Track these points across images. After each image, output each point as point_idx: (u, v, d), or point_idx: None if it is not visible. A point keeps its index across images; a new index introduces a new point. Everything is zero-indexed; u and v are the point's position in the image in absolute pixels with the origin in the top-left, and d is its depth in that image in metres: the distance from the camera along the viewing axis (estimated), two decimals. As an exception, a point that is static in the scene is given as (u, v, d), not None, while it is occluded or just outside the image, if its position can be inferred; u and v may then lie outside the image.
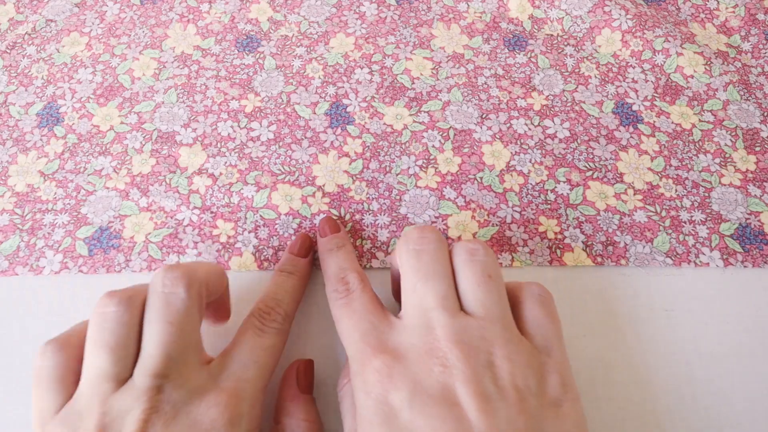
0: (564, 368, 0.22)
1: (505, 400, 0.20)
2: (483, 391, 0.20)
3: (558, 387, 0.21)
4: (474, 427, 0.19)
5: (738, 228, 0.30)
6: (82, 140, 0.32)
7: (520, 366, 0.21)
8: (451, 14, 0.38)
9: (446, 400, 0.20)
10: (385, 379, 0.20)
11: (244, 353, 0.23)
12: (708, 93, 0.35)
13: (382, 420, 0.20)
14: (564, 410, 0.20)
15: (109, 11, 0.37)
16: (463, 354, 0.20)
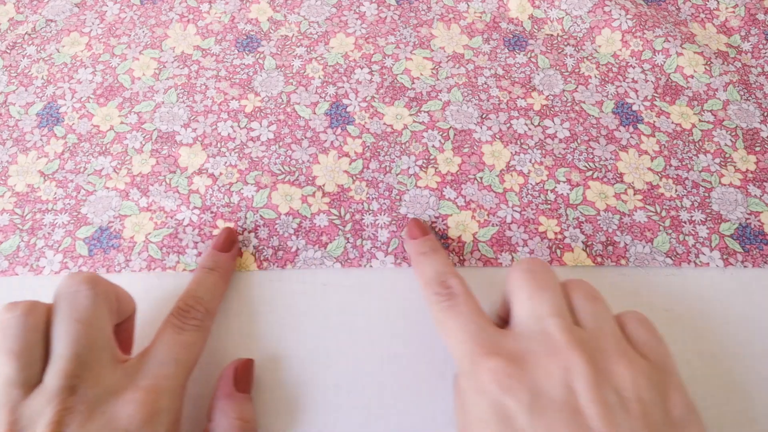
0: (685, 389, 0.21)
1: (628, 411, 0.19)
2: (606, 400, 0.19)
3: (682, 407, 0.20)
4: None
5: (738, 228, 0.30)
6: (82, 140, 0.32)
7: (643, 378, 0.20)
8: (451, 14, 0.38)
9: (568, 405, 0.19)
10: (503, 380, 0.20)
11: (162, 351, 0.23)
12: (708, 93, 0.35)
13: (498, 421, 0.19)
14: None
15: (109, 11, 0.37)
16: (586, 358, 0.20)
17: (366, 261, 0.29)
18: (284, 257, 0.29)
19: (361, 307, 0.28)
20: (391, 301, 0.29)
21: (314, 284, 0.29)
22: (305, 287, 0.29)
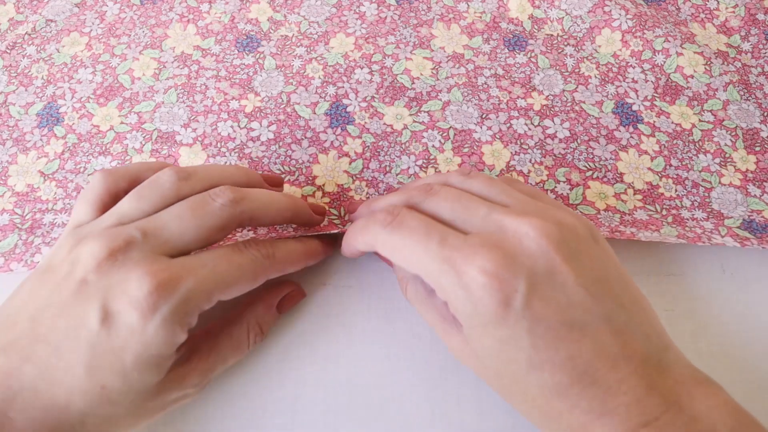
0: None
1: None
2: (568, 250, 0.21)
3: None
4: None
5: (743, 222, 0.30)
6: (82, 140, 0.32)
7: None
8: (451, 14, 0.38)
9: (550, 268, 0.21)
10: (500, 271, 0.20)
11: (211, 253, 0.23)
12: (708, 93, 0.35)
13: (499, 309, 0.20)
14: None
15: (109, 11, 0.37)
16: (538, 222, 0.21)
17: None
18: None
19: (361, 307, 0.28)
20: (391, 301, 0.29)
21: (314, 284, 0.29)
22: (305, 287, 0.29)
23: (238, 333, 0.25)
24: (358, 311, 0.28)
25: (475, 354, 0.22)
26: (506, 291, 0.20)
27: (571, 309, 0.20)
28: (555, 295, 0.20)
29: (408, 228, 0.22)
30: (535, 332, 0.20)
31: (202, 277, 0.22)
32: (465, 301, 0.21)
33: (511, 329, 0.20)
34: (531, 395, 0.21)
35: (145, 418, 0.23)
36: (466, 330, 0.22)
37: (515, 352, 0.20)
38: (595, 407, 0.20)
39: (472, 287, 0.20)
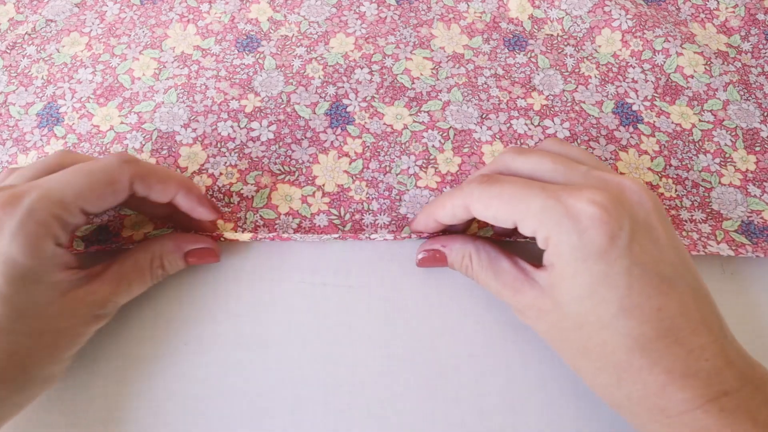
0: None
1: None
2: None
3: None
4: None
5: (741, 224, 0.30)
6: (82, 140, 0.32)
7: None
8: (451, 14, 0.38)
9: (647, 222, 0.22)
10: (610, 206, 0.21)
11: (67, 170, 0.23)
12: (708, 93, 0.35)
13: (605, 242, 0.21)
14: None
15: (109, 11, 0.37)
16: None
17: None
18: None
19: (361, 307, 0.28)
20: (391, 301, 0.29)
21: (314, 284, 0.29)
22: (305, 287, 0.29)
23: (142, 259, 0.26)
24: (358, 311, 0.28)
25: (556, 302, 0.22)
26: (613, 226, 0.21)
27: (662, 263, 0.21)
28: (651, 246, 0.21)
29: (508, 181, 0.23)
30: (633, 274, 0.20)
31: (47, 188, 0.22)
32: (570, 233, 0.21)
33: (610, 266, 0.20)
34: (610, 348, 0.21)
35: (63, 348, 0.23)
36: (560, 269, 0.22)
37: (609, 291, 0.21)
38: (677, 367, 0.20)
39: (581, 217, 0.21)
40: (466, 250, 0.26)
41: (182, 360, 0.27)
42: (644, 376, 0.21)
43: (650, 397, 0.21)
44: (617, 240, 0.21)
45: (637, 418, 0.22)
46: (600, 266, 0.21)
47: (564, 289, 0.22)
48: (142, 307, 0.28)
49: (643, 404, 0.21)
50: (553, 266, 0.22)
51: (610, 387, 0.22)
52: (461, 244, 0.27)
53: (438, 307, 0.28)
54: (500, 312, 0.28)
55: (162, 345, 0.27)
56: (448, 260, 0.27)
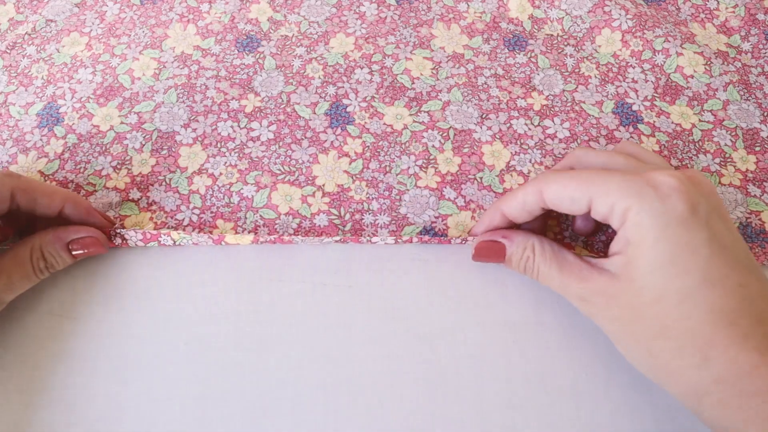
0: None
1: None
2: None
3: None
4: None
5: (739, 227, 0.30)
6: (82, 140, 0.32)
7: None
8: (451, 14, 0.38)
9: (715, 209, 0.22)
10: (689, 187, 0.21)
11: None
12: (708, 93, 0.35)
13: (687, 210, 0.21)
14: None
15: (109, 11, 0.37)
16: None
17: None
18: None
19: (361, 307, 0.28)
20: (391, 301, 0.29)
21: (314, 284, 0.29)
22: (305, 287, 0.29)
23: (21, 252, 0.25)
24: (358, 311, 0.28)
25: (631, 280, 0.21)
26: (693, 196, 0.21)
27: (736, 247, 0.21)
28: (725, 229, 0.21)
29: (584, 168, 0.24)
30: (713, 247, 0.20)
31: None
32: (653, 200, 0.21)
33: (692, 234, 0.20)
34: (694, 321, 0.20)
35: None
36: (639, 240, 0.21)
37: (691, 259, 0.20)
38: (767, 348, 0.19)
39: (663, 187, 0.21)
40: (529, 242, 0.26)
41: (182, 360, 0.27)
42: (733, 353, 0.19)
43: (743, 378, 0.19)
44: (698, 210, 0.21)
45: (726, 409, 0.20)
46: (682, 233, 0.20)
47: (643, 260, 0.21)
48: (142, 307, 0.28)
49: (734, 387, 0.19)
50: (628, 242, 0.22)
51: (694, 369, 0.20)
52: (524, 236, 0.26)
53: (438, 307, 0.28)
54: (500, 312, 0.28)
55: (162, 345, 0.27)
56: (507, 252, 0.26)
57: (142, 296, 0.28)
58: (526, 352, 0.27)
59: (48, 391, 0.26)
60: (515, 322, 0.28)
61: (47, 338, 0.27)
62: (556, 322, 0.28)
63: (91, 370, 0.27)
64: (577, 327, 0.28)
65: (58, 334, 0.27)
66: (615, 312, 0.22)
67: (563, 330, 0.28)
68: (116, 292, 0.28)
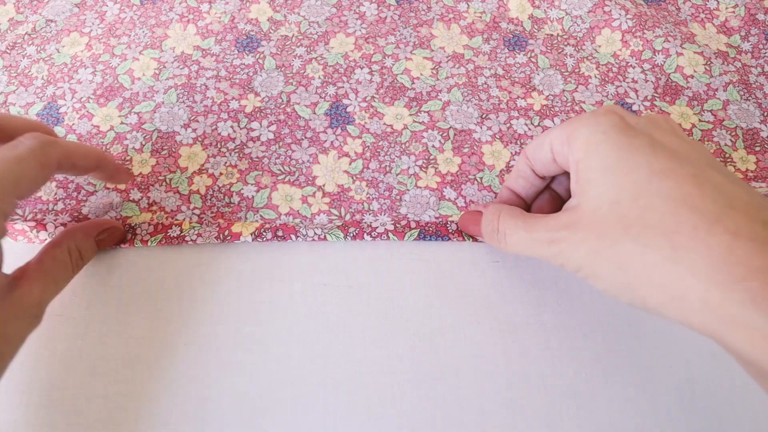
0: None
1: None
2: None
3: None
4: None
5: None
6: (83, 140, 0.32)
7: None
8: (451, 14, 0.38)
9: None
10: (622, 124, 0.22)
11: None
12: (708, 93, 0.35)
13: (626, 127, 0.22)
14: None
15: (109, 11, 0.37)
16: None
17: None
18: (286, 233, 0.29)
19: (361, 307, 0.28)
20: (391, 301, 0.29)
21: (314, 284, 0.29)
22: (305, 287, 0.29)
23: (61, 255, 0.26)
24: (358, 311, 0.28)
25: (587, 195, 0.21)
26: (628, 117, 0.23)
27: (688, 151, 0.21)
28: (676, 140, 0.22)
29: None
30: (656, 147, 0.21)
31: None
32: (589, 119, 0.22)
33: (632, 139, 0.21)
34: (654, 214, 0.19)
35: (8, 356, 0.22)
36: (584, 151, 0.22)
37: (637, 156, 0.21)
38: (742, 230, 0.17)
39: (599, 110, 0.23)
40: (497, 207, 0.26)
41: (182, 360, 0.27)
42: (702, 237, 0.18)
43: (719, 264, 0.17)
44: (636, 125, 0.22)
45: (713, 309, 0.18)
46: (622, 138, 0.21)
47: (592, 169, 0.21)
48: (142, 307, 0.28)
49: (714, 278, 0.18)
50: (577, 162, 0.22)
51: (666, 264, 0.19)
52: (494, 204, 0.27)
53: (438, 307, 0.28)
54: (500, 312, 0.28)
55: (162, 345, 0.27)
56: (482, 219, 0.27)
57: (142, 296, 0.28)
58: (526, 352, 0.27)
59: (48, 391, 0.26)
60: (515, 322, 0.28)
61: (47, 338, 0.27)
62: (557, 322, 0.28)
63: (91, 370, 0.27)
64: (577, 327, 0.28)
65: (58, 334, 0.28)
66: (581, 234, 0.21)
67: (563, 330, 0.28)
68: (116, 292, 0.28)
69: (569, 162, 0.23)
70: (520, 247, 0.25)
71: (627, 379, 0.27)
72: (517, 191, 0.28)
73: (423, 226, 0.30)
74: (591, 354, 0.27)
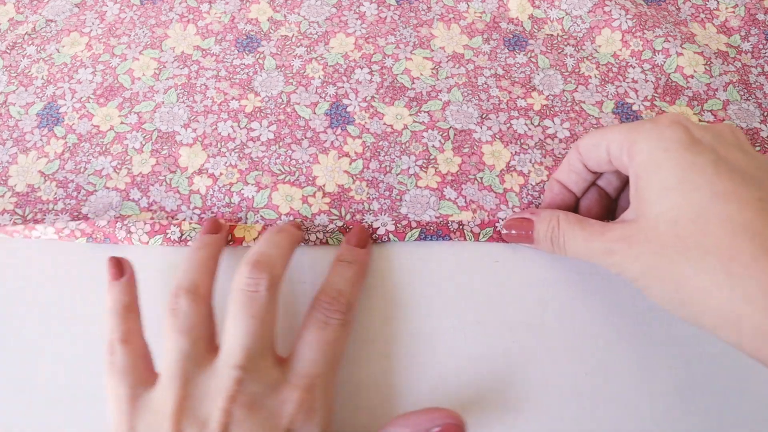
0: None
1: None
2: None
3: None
4: None
5: None
6: (83, 140, 0.32)
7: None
8: (451, 14, 0.38)
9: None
10: (687, 121, 0.23)
11: (310, 349, 0.23)
12: (708, 93, 0.35)
13: (690, 142, 0.22)
14: None
15: (109, 11, 0.37)
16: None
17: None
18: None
19: (361, 307, 0.28)
20: (391, 301, 0.29)
21: (314, 284, 0.29)
22: (305, 287, 0.29)
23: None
24: (358, 311, 0.28)
25: (646, 213, 0.22)
26: (693, 130, 0.22)
27: (754, 170, 0.21)
28: (741, 155, 0.21)
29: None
30: (720, 166, 0.21)
31: (323, 369, 0.23)
32: (651, 131, 0.22)
33: (696, 157, 0.21)
34: (712, 237, 0.19)
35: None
36: (645, 168, 0.22)
37: (699, 177, 0.20)
38: None
39: (662, 121, 0.22)
40: (554, 214, 0.26)
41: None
42: (762, 266, 0.18)
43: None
44: (701, 139, 0.21)
45: (764, 337, 0.18)
46: (685, 155, 0.21)
47: (652, 188, 0.21)
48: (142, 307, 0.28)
49: (765, 305, 0.18)
50: (638, 177, 0.22)
51: (721, 289, 0.19)
52: (549, 211, 0.27)
53: (438, 307, 0.28)
54: (500, 312, 0.28)
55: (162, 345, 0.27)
56: (534, 227, 0.27)
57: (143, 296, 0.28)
58: (526, 352, 0.27)
59: (48, 391, 0.26)
60: (515, 322, 0.28)
61: (47, 338, 0.27)
62: (557, 322, 0.28)
63: (91, 370, 0.27)
64: (578, 327, 0.28)
65: (59, 334, 0.28)
66: (637, 250, 0.22)
67: (564, 330, 0.28)
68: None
69: (628, 171, 0.23)
70: (578, 254, 0.25)
71: (627, 379, 0.27)
72: (568, 186, 0.28)
73: (424, 225, 0.30)
74: (591, 354, 0.27)
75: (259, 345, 0.23)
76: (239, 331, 0.22)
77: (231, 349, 0.22)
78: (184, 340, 0.23)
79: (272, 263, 0.24)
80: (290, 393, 0.22)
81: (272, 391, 0.22)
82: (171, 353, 0.23)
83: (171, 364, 0.22)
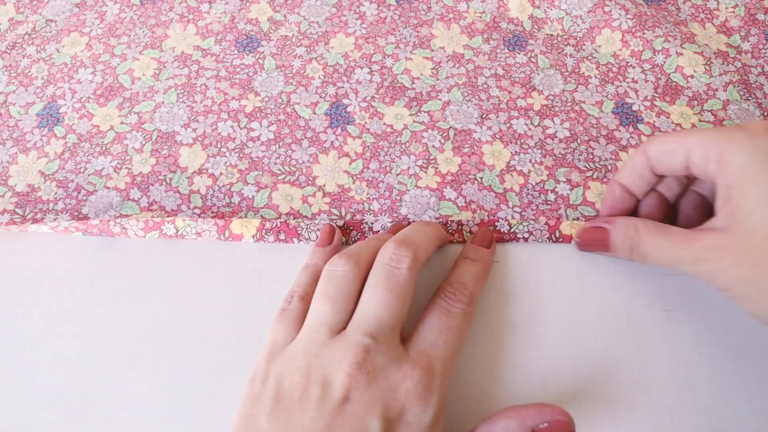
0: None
1: None
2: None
3: None
4: None
5: None
6: (83, 140, 0.32)
7: None
8: (451, 14, 0.38)
9: None
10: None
11: (432, 332, 0.24)
12: (708, 93, 0.35)
13: None
14: None
15: (109, 11, 0.37)
16: None
17: None
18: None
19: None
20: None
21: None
22: (305, 287, 0.29)
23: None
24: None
25: (741, 224, 0.21)
26: None
27: None
28: None
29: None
30: None
31: (443, 353, 0.24)
32: (744, 140, 0.22)
33: None
34: None
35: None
36: (739, 180, 0.22)
37: None
38: None
39: (752, 128, 0.22)
40: (632, 222, 0.26)
41: (183, 360, 0.27)
42: None
43: None
44: None
45: None
46: None
47: (748, 198, 0.21)
48: (142, 307, 0.28)
49: None
50: (731, 187, 0.22)
51: None
52: (626, 219, 0.26)
53: (438, 307, 0.28)
54: (500, 312, 0.28)
55: (162, 345, 0.27)
56: (611, 236, 0.27)
57: (142, 296, 0.28)
58: (527, 352, 0.27)
59: (48, 391, 0.26)
60: (515, 322, 0.28)
61: (47, 338, 0.27)
62: (557, 322, 0.28)
63: (91, 370, 0.27)
64: (578, 327, 0.28)
65: (59, 334, 0.28)
66: (731, 260, 0.22)
67: (563, 330, 0.28)
68: (116, 292, 0.28)
69: (716, 181, 0.23)
70: (661, 261, 0.25)
71: (627, 379, 0.27)
72: (631, 189, 0.27)
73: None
74: (591, 354, 0.27)
75: (391, 319, 0.23)
76: (376, 302, 0.23)
77: (365, 317, 0.23)
78: (329, 308, 0.24)
79: (417, 245, 0.25)
80: (411, 370, 0.22)
81: (395, 365, 0.22)
82: (316, 316, 0.24)
83: (312, 325, 0.24)
